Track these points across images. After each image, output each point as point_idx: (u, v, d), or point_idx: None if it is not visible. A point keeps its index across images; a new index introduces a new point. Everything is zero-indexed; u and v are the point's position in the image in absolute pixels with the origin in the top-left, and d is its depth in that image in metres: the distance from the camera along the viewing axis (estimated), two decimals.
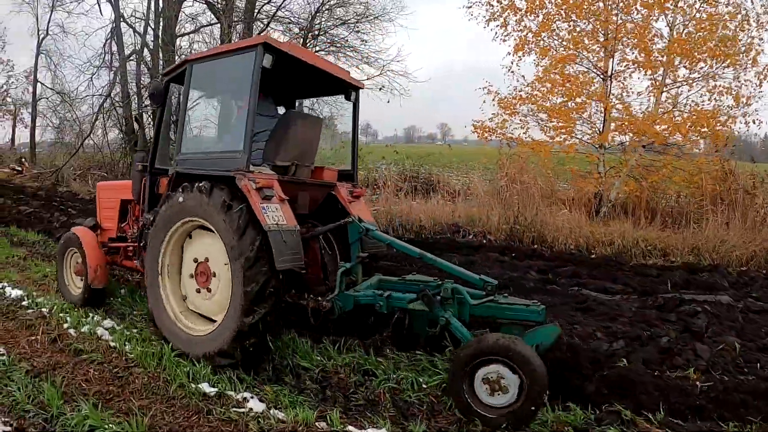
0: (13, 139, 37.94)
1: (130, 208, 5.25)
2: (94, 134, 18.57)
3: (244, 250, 3.38)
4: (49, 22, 30.03)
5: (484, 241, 8.66)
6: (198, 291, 3.90)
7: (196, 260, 3.91)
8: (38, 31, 31.89)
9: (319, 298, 3.68)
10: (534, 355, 2.86)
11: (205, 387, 3.26)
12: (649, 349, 3.81)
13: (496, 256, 7.36)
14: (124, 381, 3.37)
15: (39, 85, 30.73)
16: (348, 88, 4.81)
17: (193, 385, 3.27)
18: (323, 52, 16.02)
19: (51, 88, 30.51)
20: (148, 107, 14.76)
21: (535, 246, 8.32)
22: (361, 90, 4.90)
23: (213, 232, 3.66)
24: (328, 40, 17.30)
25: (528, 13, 11.24)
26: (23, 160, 25.83)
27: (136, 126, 15.67)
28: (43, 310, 4.83)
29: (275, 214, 3.52)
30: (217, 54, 4.04)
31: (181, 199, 3.80)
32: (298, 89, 5.23)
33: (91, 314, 4.76)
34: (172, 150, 4.64)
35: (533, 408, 2.81)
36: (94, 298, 5.05)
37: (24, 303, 5.05)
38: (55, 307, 4.88)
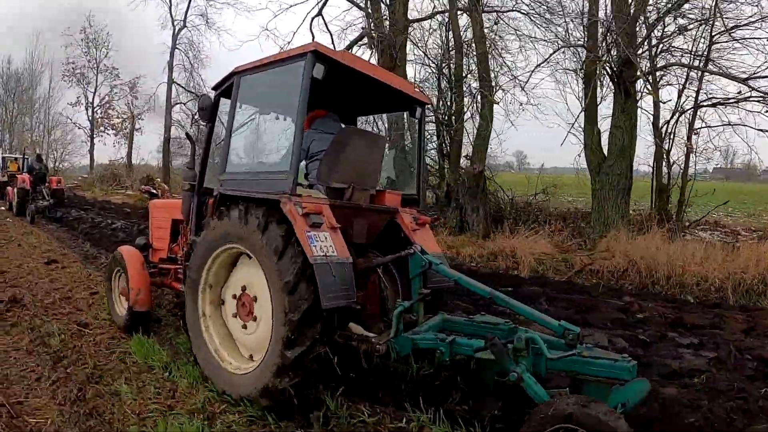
0: (129, 156, 36.01)
1: (181, 228, 5.09)
2: None
3: (285, 277, 3.07)
4: (187, 10, 27.79)
5: None
6: (242, 325, 3.63)
7: (243, 288, 3.63)
8: (173, 21, 28.20)
9: (373, 340, 3.31)
10: (622, 424, 2.33)
11: None
12: None
13: None
14: None
15: (174, 87, 28.04)
16: (413, 104, 4.41)
17: None
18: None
19: (191, 91, 28.34)
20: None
21: None
22: (427, 106, 4.54)
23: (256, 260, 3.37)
24: None
25: None
26: (156, 181, 24.50)
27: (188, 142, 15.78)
28: None
29: (323, 244, 3.17)
30: (264, 64, 3.71)
31: (221, 224, 3.57)
32: (360, 105, 4.90)
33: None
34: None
35: None
36: (138, 321, 4.78)
37: None
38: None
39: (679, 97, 13.07)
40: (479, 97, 13.15)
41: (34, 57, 44.83)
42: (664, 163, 13.50)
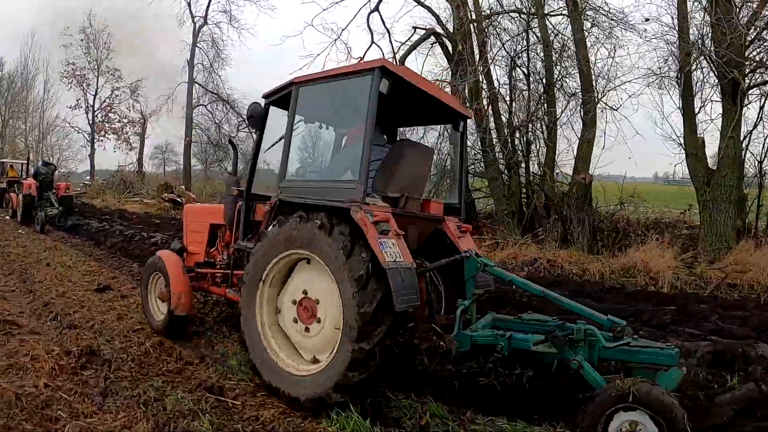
0: (140, 161, 34.56)
1: (220, 233, 5.19)
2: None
3: (356, 273, 3.25)
4: (208, 5, 26.23)
5: None
6: (305, 329, 3.74)
7: (305, 293, 3.74)
8: (192, 17, 26.59)
9: (435, 338, 3.65)
10: (675, 403, 2.69)
11: None
12: None
13: None
14: None
15: (195, 88, 26.27)
16: (457, 117, 4.66)
17: None
18: None
19: (214, 92, 26.35)
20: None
21: None
22: (469, 119, 4.81)
23: (320, 264, 3.52)
24: None
25: None
26: (178, 189, 23.36)
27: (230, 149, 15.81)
28: None
29: (392, 251, 3.34)
30: (327, 77, 3.86)
31: (282, 229, 3.68)
32: (404, 116, 5.03)
33: None
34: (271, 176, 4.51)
35: None
36: (177, 325, 4.92)
37: None
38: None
39: None
40: (580, 101, 12.28)
41: (28, 58, 42.90)
42: None
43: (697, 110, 11.05)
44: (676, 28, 10.84)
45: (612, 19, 12.37)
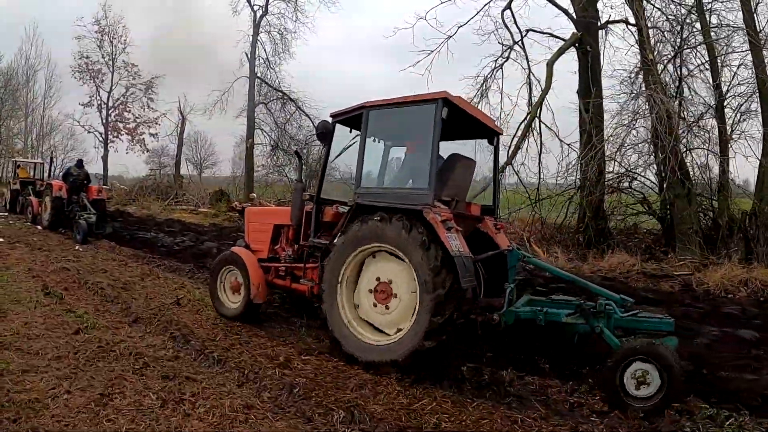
0: (177, 165, 32.09)
1: (283, 232, 5.93)
2: None
3: (431, 263, 4.17)
4: None
5: None
6: (375, 305, 4.64)
7: (378, 279, 4.64)
8: (251, 5, 24.26)
9: (487, 314, 4.71)
10: (676, 358, 3.79)
11: None
12: None
13: None
14: None
15: (255, 84, 23.73)
16: (492, 134, 5.66)
17: None
18: None
19: (280, 90, 23.97)
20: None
21: None
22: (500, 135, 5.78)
23: (393, 256, 4.44)
24: None
25: None
26: (251, 196, 20.33)
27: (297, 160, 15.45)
28: None
29: (456, 243, 4.27)
30: (394, 103, 4.81)
31: (362, 228, 4.57)
32: (449, 132, 5.48)
33: None
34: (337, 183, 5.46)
35: (669, 400, 3.73)
36: (252, 312, 5.68)
37: None
38: None
39: None
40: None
41: (30, 52, 40.47)
42: None
43: None
44: None
45: None
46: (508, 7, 14.16)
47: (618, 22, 13.08)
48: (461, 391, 4.23)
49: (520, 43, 14.30)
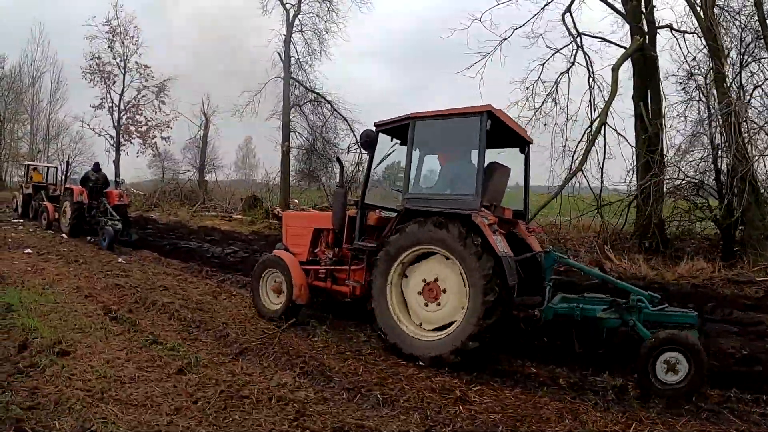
0: (202, 170, 31.14)
1: (323, 235, 6.19)
2: None
3: (484, 270, 4.53)
4: None
5: None
6: (425, 304, 5.02)
7: (424, 280, 5.00)
8: (283, 4, 22.91)
9: (529, 310, 5.19)
10: (702, 349, 4.27)
11: None
12: None
13: None
14: None
15: (292, 86, 22.23)
16: (523, 143, 6.05)
17: None
18: None
19: (315, 92, 22.84)
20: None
21: None
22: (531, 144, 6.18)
23: (443, 257, 4.80)
24: None
25: None
26: (292, 202, 20.66)
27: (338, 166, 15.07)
28: None
29: (501, 244, 4.66)
30: (440, 115, 5.21)
31: (411, 231, 4.93)
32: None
33: None
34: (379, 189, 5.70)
35: (695, 387, 4.21)
36: (293, 312, 5.90)
37: None
38: None
39: None
40: None
41: (36, 54, 40.56)
42: None
43: None
44: None
45: None
46: (568, 10, 13.56)
47: (682, 32, 12.92)
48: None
49: (581, 47, 13.84)
